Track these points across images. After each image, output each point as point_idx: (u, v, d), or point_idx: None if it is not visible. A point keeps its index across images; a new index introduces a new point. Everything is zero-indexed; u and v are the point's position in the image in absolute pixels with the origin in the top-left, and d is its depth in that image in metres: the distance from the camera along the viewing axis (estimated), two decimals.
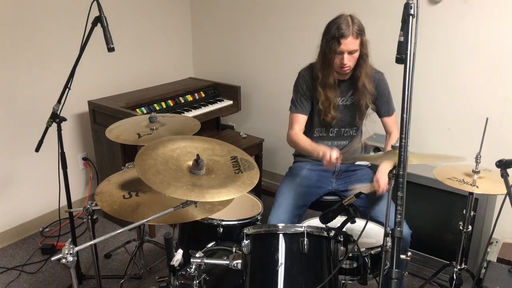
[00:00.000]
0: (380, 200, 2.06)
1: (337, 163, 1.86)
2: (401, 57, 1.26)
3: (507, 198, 1.42)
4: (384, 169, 2.03)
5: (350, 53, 1.95)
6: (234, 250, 1.71)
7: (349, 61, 1.96)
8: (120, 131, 2.06)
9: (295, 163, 2.33)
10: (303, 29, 3.13)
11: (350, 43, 1.92)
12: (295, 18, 3.17)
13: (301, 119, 2.15)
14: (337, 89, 2.10)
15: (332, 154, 1.83)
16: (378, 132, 2.80)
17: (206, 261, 1.52)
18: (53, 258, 1.22)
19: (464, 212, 1.99)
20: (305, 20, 3.12)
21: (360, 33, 1.94)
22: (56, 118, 2.17)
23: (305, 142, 2.10)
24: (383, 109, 2.17)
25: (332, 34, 1.93)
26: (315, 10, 3.05)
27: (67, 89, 2.13)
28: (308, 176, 2.20)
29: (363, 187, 2.02)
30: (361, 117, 2.19)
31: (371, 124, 2.39)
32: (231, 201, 1.55)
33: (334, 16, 1.99)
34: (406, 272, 2.46)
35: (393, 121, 2.19)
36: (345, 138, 2.21)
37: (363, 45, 1.98)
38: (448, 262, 2.16)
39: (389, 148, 1.89)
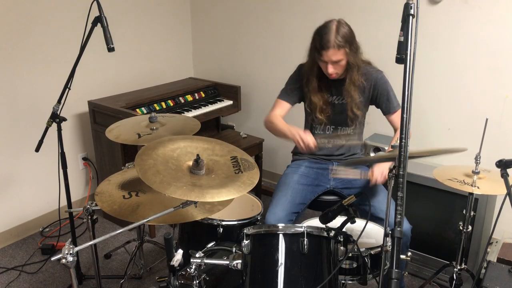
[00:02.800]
0: (379, 197, 2.05)
1: (314, 148, 1.93)
2: (401, 57, 1.26)
3: (507, 198, 1.42)
4: (383, 164, 2.04)
5: (335, 62, 1.95)
6: (234, 250, 1.71)
7: (334, 69, 1.97)
8: (120, 131, 2.06)
9: (293, 161, 2.33)
10: (303, 29, 3.13)
11: (332, 55, 1.91)
12: (295, 18, 3.17)
13: (284, 106, 2.18)
14: (331, 87, 2.11)
15: (308, 138, 1.91)
16: (378, 132, 2.81)
17: (206, 261, 1.52)
18: (53, 258, 1.22)
19: (464, 212, 1.99)
20: (305, 20, 3.12)
21: (344, 44, 1.90)
22: (56, 118, 2.17)
23: (281, 123, 2.12)
24: (384, 107, 2.15)
25: (314, 44, 1.95)
26: (315, 10, 3.05)
27: (67, 89, 2.13)
28: (306, 174, 2.20)
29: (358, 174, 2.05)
30: (356, 118, 2.16)
31: (372, 124, 2.39)
32: (231, 201, 1.55)
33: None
34: (406, 272, 2.46)
35: (398, 118, 2.14)
36: (342, 137, 2.20)
37: (348, 55, 1.94)
38: (448, 262, 2.16)
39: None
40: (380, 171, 1.98)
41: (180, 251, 1.37)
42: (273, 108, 2.21)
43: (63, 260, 1.21)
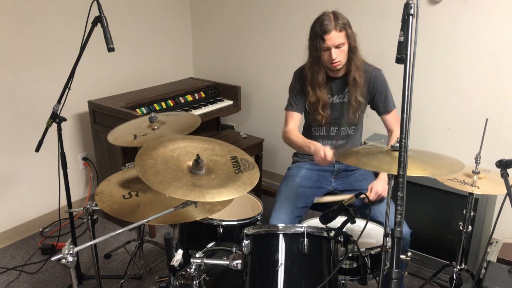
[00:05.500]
0: (380, 201, 2.06)
1: (332, 161, 1.87)
2: (401, 57, 1.26)
3: (507, 198, 1.42)
4: (382, 176, 2.05)
5: (338, 47, 1.94)
6: (234, 250, 1.71)
7: (338, 56, 1.95)
8: (119, 133, 2.05)
9: (294, 163, 2.32)
10: (303, 29, 3.12)
11: (334, 38, 1.92)
12: (295, 18, 3.17)
13: (296, 117, 2.18)
14: (331, 87, 2.10)
15: (326, 151, 1.85)
16: (378, 132, 2.80)
17: (206, 261, 1.52)
18: (53, 258, 1.22)
19: (464, 212, 1.99)
20: (305, 20, 3.10)
21: (344, 26, 1.94)
22: (56, 118, 2.17)
23: (298, 137, 2.12)
24: (381, 106, 2.15)
25: (316, 32, 1.95)
26: (314, 10, 3.04)
27: (67, 89, 2.13)
28: (307, 176, 2.19)
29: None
30: (359, 114, 2.15)
31: (371, 124, 2.39)
32: (231, 201, 1.55)
33: None
34: (406, 272, 2.46)
35: (393, 118, 2.16)
36: (344, 138, 2.20)
37: (349, 37, 1.97)
38: (448, 262, 2.15)
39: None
40: (381, 188, 2.01)
41: (180, 251, 1.37)
42: (286, 122, 2.20)
43: (63, 260, 1.21)
